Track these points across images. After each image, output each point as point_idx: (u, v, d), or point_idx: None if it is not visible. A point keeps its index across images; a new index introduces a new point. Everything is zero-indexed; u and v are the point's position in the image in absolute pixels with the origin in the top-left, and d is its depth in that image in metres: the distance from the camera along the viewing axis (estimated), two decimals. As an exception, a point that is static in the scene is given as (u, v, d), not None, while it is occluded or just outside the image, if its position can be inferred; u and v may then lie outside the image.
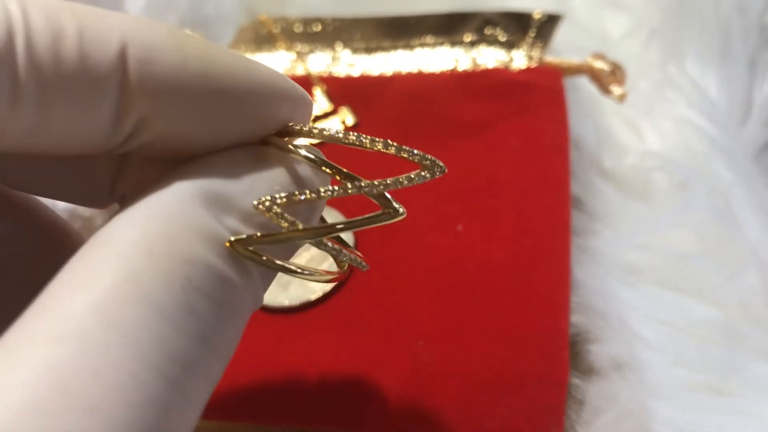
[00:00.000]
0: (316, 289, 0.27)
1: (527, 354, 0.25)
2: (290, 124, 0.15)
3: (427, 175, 0.14)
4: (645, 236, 0.32)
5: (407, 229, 0.28)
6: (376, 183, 0.14)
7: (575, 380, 0.26)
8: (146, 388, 0.11)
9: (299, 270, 0.15)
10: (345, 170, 0.14)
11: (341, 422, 0.25)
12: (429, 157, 0.14)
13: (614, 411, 0.25)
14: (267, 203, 0.13)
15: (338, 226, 0.14)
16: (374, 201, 0.15)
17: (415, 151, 0.14)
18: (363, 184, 0.14)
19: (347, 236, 0.28)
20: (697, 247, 0.31)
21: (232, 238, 0.13)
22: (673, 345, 0.28)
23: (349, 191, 0.14)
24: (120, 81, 0.12)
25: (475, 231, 0.28)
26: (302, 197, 0.14)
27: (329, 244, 0.14)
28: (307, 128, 0.15)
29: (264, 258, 0.13)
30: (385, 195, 0.14)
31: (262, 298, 0.14)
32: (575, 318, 0.27)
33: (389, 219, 0.14)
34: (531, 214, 0.28)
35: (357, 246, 0.28)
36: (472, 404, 0.24)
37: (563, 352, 0.25)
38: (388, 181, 0.14)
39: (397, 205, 0.14)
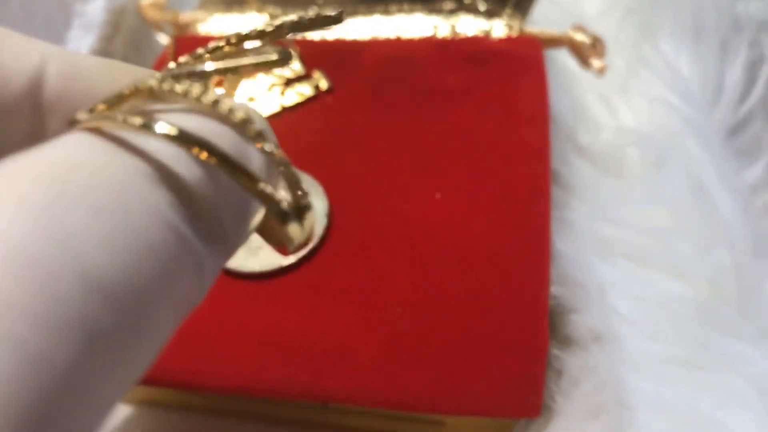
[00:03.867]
0: (289, 256, 0.26)
1: (507, 323, 0.24)
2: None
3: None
4: (619, 211, 0.31)
5: (384, 195, 0.27)
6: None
7: (554, 351, 0.25)
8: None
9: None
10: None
11: (313, 393, 0.24)
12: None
13: (592, 382, 0.25)
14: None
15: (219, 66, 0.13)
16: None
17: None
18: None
19: (321, 202, 0.27)
20: (671, 223, 0.31)
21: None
22: (646, 319, 0.28)
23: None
24: (39, 88, 0.12)
25: (454, 199, 0.27)
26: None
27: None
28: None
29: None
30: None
31: (207, 283, 0.12)
32: (554, 288, 0.26)
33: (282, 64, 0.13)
34: (511, 182, 0.27)
35: (331, 213, 0.27)
36: (451, 373, 0.23)
37: (543, 322, 0.24)
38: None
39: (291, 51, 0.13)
